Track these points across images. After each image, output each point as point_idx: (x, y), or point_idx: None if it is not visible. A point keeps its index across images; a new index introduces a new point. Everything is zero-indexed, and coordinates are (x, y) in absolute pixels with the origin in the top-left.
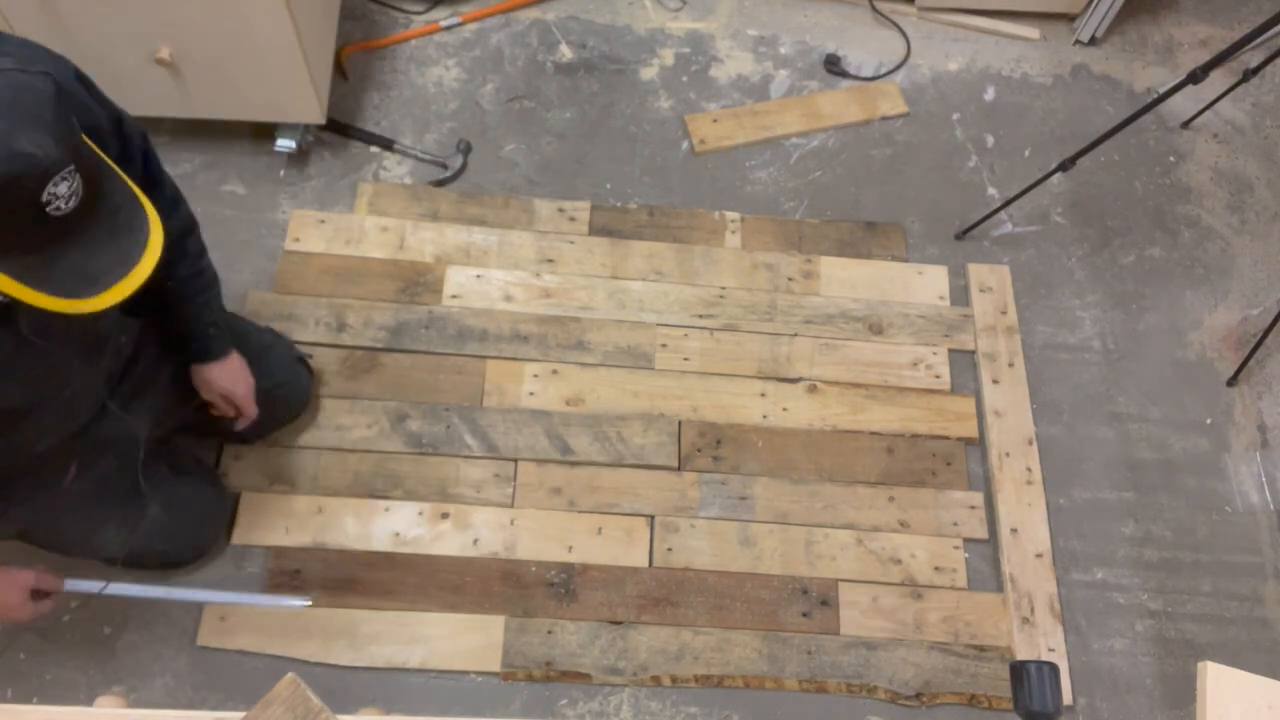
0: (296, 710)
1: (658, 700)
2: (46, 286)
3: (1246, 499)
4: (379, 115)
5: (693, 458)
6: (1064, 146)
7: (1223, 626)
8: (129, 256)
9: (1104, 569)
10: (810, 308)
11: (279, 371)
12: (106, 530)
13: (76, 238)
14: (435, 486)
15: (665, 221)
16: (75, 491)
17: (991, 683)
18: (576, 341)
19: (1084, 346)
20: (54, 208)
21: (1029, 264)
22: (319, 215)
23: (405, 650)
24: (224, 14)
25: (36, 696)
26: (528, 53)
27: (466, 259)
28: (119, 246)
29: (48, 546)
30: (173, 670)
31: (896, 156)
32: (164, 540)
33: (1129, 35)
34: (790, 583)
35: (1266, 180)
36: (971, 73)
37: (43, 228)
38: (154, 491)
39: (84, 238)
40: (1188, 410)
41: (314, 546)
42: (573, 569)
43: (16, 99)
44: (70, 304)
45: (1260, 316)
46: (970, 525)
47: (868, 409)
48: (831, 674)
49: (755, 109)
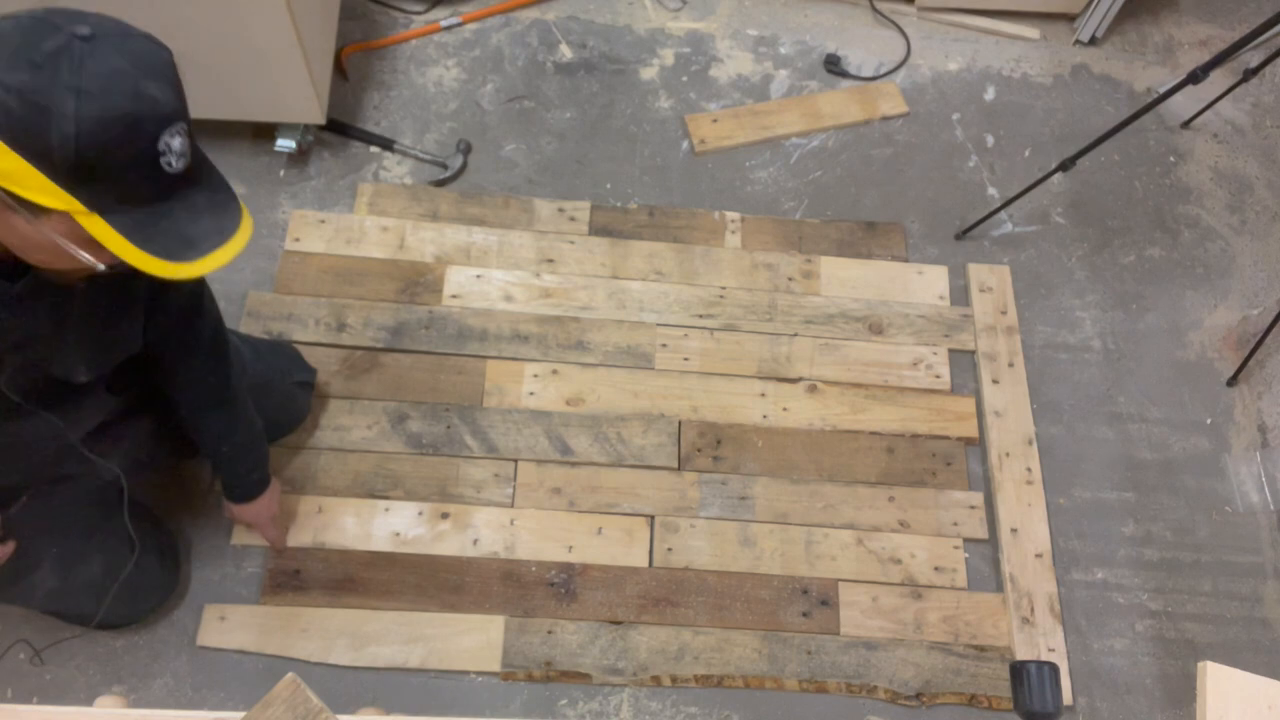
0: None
1: (658, 700)
2: (150, 246)
3: (1246, 499)
4: (379, 115)
5: (693, 458)
6: (1064, 146)
7: (1223, 626)
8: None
9: (1104, 569)
10: (810, 308)
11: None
12: (41, 570)
13: (181, 199)
14: (435, 486)
15: (665, 221)
16: (19, 517)
17: (991, 683)
18: (576, 341)
19: (1084, 346)
20: (166, 161)
21: (1029, 264)
22: (319, 215)
23: (405, 650)
24: (224, 14)
25: (36, 696)
26: (528, 53)
27: (466, 259)
28: (217, 218)
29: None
30: (173, 670)
31: (896, 156)
32: (94, 601)
33: (1129, 35)
34: (790, 583)
35: (1266, 180)
36: (971, 73)
37: (154, 182)
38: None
39: (188, 201)
40: (1188, 410)
41: (314, 546)
42: (573, 569)
43: (146, 55)
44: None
45: (1260, 316)
46: (970, 525)
47: (868, 409)
48: (831, 674)
49: (755, 109)
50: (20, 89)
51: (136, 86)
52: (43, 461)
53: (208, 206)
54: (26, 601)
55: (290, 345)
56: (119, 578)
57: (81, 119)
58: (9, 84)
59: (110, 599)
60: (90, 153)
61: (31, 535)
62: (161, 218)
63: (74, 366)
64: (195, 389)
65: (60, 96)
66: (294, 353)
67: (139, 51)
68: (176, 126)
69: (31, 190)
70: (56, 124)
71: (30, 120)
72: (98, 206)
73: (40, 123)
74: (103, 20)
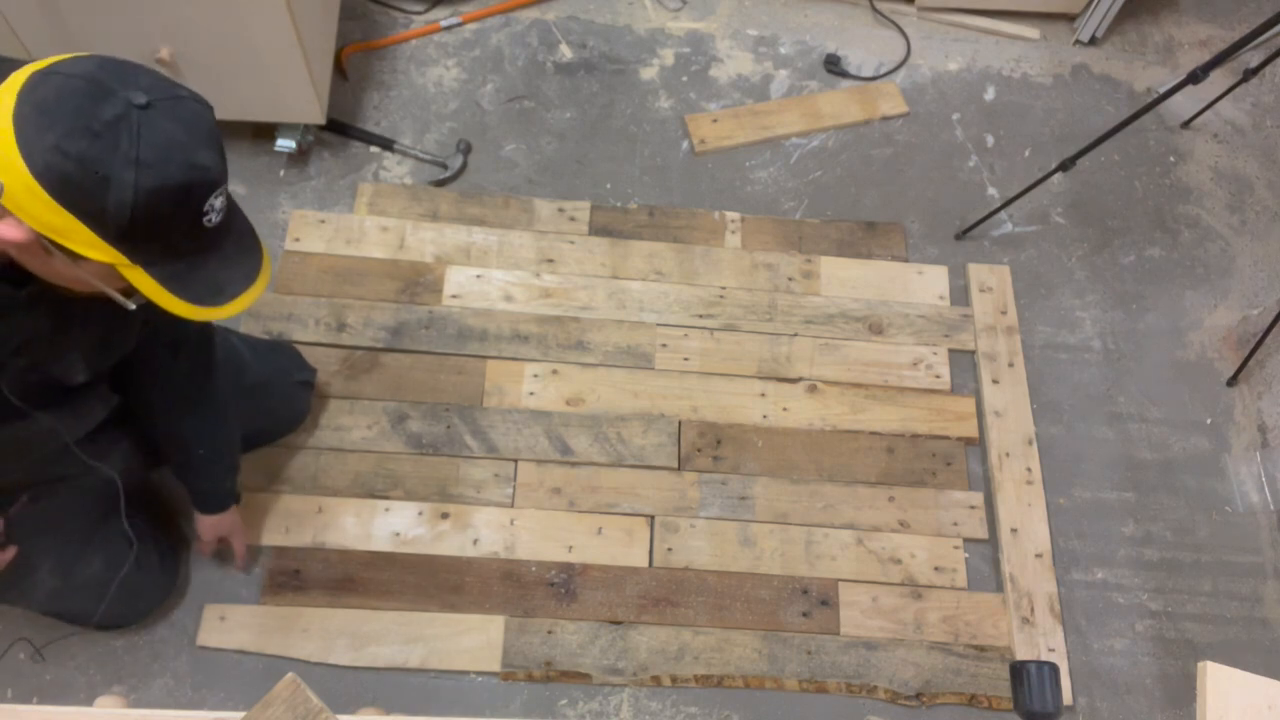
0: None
1: (658, 700)
2: (184, 293)
3: (1246, 499)
4: (379, 115)
5: (693, 458)
6: (1064, 146)
7: (1223, 626)
8: (250, 272)
9: (1104, 569)
10: (810, 308)
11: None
12: (40, 571)
13: (215, 250)
14: (435, 486)
15: (665, 221)
16: (19, 517)
17: (991, 683)
18: (576, 341)
19: (1084, 346)
20: (208, 219)
21: (1029, 264)
22: (319, 215)
23: (405, 650)
24: (224, 14)
25: (36, 696)
26: (528, 53)
27: (466, 259)
28: (244, 263)
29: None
30: (173, 670)
31: (896, 156)
32: (94, 601)
33: (1129, 35)
34: (790, 583)
35: (1266, 180)
36: (971, 73)
37: (195, 238)
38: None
39: (221, 251)
40: (1188, 410)
41: (314, 546)
42: (573, 569)
43: (195, 121)
44: (201, 311)
45: (1260, 316)
46: (970, 525)
47: (868, 409)
48: (831, 674)
49: (755, 109)
50: (80, 157)
51: (190, 157)
52: (42, 462)
53: (235, 253)
54: (27, 601)
55: (290, 345)
56: (119, 577)
57: (139, 189)
58: (68, 151)
59: (110, 599)
60: (142, 219)
61: (31, 535)
62: (197, 268)
63: (73, 367)
64: (178, 387)
65: (120, 166)
66: (294, 352)
67: (190, 117)
68: (221, 189)
69: (78, 244)
70: (115, 193)
71: (89, 187)
72: (141, 261)
73: (98, 190)
74: (154, 82)
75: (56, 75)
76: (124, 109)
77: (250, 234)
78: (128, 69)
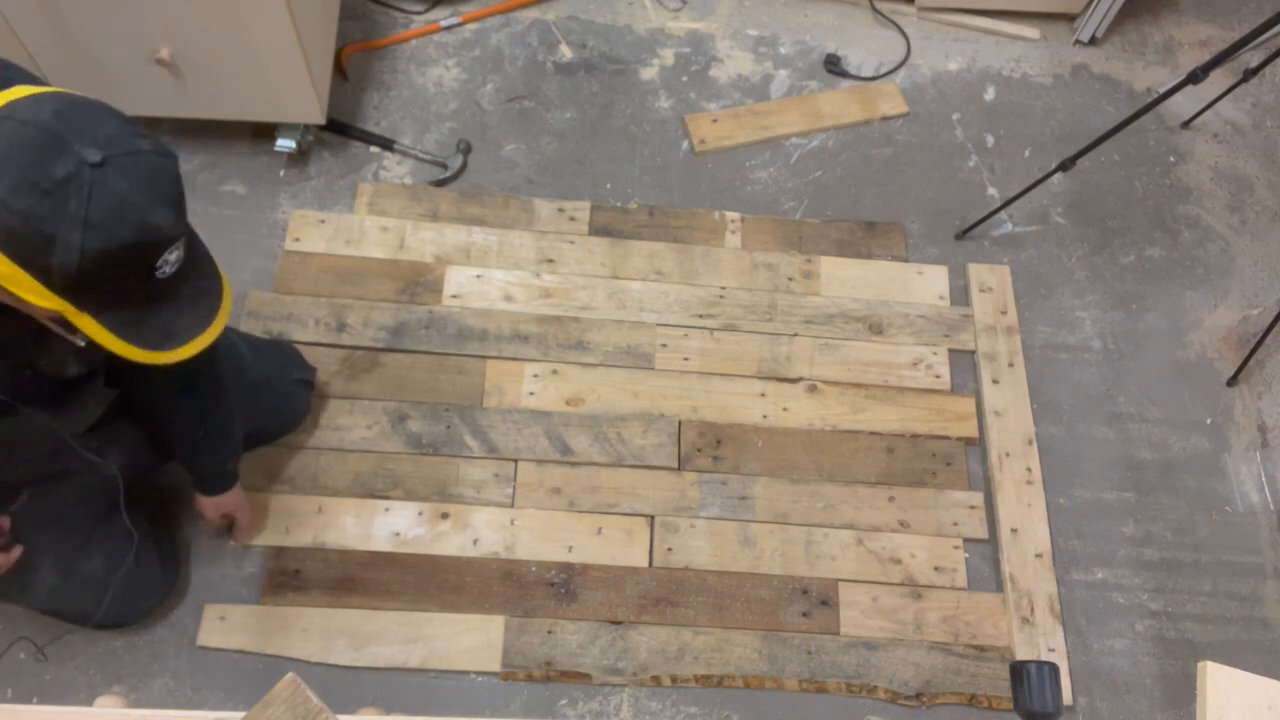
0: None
1: (658, 700)
2: (135, 340)
3: (1246, 499)
4: (379, 115)
5: (693, 458)
6: (1064, 146)
7: (1223, 626)
8: (205, 317)
9: (1104, 569)
10: (810, 308)
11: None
12: (41, 569)
13: (169, 299)
14: (435, 486)
15: (665, 221)
16: (20, 514)
17: (991, 683)
18: (576, 341)
19: (1084, 346)
20: (161, 272)
21: (1029, 264)
22: (319, 215)
23: (405, 650)
24: (224, 14)
25: (36, 696)
26: (528, 53)
27: (466, 259)
28: (198, 308)
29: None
30: (173, 670)
31: (896, 156)
32: (94, 599)
33: (1129, 35)
34: (790, 583)
35: (1266, 180)
36: (971, 73)
37: (146, 289)
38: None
39: (175, 299)
40: (1188, 410)
41: (314, 546)
42: (573, 569)
43: (155, 178)
44: (151, 355)
45: (1260, 316)
46: (970, 525)
47: (868, 409)
48: (831, 674)
49: (755, 109)
50: (26, 214)
51: (144, 218)
52: (41, 458)
53: (190, 299)
54: (27, 600)
55: (290, 344)
56: (120, 574)
57: (86, 251)
58: (14, 208)
59: (110, 597)
60: (90, 276)
61: (32, 532)
62: (150, 315)
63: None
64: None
65: (67, 228)
66: (294, 351)
67: (146, 174)
68: (176, 244)
69: (24, 291)
70: (60, 253)
71: (34, 244)
72: (90, 310)
73: (43, 248)
74: (114, 134)
75: (10, 121)
76: (76, 167)
77: (209, 275)
78: (87, 117)
